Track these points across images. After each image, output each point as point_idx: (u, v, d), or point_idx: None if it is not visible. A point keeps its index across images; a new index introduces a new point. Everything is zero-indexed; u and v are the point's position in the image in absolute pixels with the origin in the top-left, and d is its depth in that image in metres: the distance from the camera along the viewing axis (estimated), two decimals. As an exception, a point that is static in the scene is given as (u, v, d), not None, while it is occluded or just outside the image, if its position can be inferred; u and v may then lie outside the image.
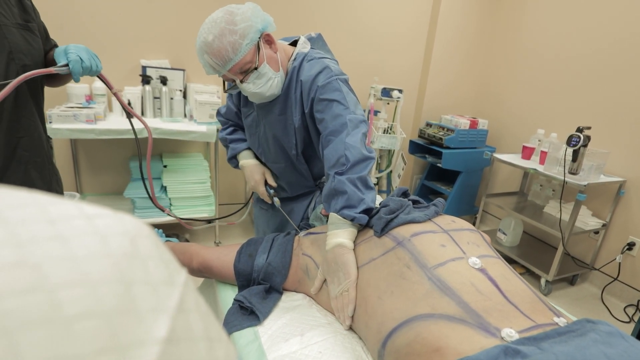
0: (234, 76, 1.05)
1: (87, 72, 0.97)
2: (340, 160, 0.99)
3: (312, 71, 1.08)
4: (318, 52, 1.17)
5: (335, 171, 0.99)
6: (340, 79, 1.08)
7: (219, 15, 0.99)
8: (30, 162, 0.99)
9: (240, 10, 1.00)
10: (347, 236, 0.95)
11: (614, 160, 2.38)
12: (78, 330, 0.15)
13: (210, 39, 0.97)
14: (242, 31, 0.98)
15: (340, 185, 0.97)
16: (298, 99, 1.12)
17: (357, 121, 1.04)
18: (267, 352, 0.84)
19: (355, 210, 0.95)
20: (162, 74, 2.32)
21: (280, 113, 1.16)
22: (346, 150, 0.99)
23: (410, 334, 0.70)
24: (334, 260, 0.93)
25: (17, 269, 0.15)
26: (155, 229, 1.36)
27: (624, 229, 2.37)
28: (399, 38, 3.05)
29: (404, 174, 3.39)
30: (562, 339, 0.61)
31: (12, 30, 0.89)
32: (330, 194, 0.99)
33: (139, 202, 2.30)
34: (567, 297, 2.41)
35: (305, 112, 1.12)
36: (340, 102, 1.04)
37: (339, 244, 0.94)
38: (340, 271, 0.91)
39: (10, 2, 0.91)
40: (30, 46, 0.94)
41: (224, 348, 0.25)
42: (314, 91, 1.07)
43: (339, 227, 0.96)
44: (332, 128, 1.04)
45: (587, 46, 2.52)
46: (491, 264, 0.81)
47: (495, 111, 3.24)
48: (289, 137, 1.18)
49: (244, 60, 1.01)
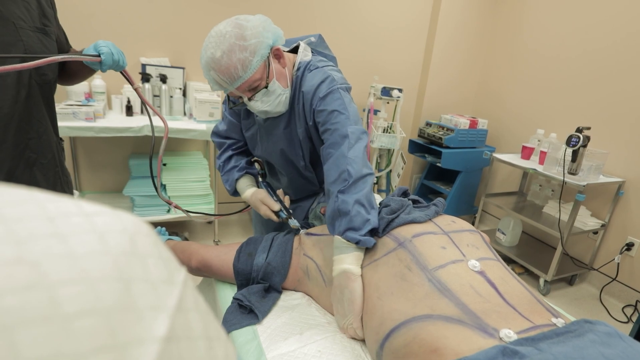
0: (242, 94, 1.00)
1: (115, 66, 1.01)
2: (342, 175, 0.94)
3: (314, 81, 1.04)
4: (321, 60, 1.12)
5: (338, 189, 0.94)
6: (342, 88, 1.03)
7: (227, 29, 0.92)
8: (37, 164, 0.99)
9: (250, 24, 0.94)
10: (352, 261, 0.90)
11: (613, 161, 2.38)
12: (77, 328, 0.15)
13: (218, 55, 0.91)
14: (253, 47, 0.93)
15: (344, 206, 0.92)
16: (301, 111, 1.08)
17: (358, 133, 0.99)
18: (266, 351, 0.84)
19: (359, 233, 0.90)
20: (162, 72, 2.31)
21: (286, 127, 1.12)
22: (348, 165, 0.94)
23: (408, 335, 0.70)
24: (340, 288, 0.90)
25: (16, 266, 0.15)
26: (158, 227, 1.36)
27: (623, 229, 2.38)
28: (399, 37, 3.05)
29: (404, 174, 3.39)
30: (560, 339, 0.61)
31: (29, 33, 0.90)
32: (334, 214, 0.94)
33: (138, 200, 2.30)
34: (565, 297, 2.41)
35: (308, 124, 1.08)
36: (340, 112, 1.00)
37: (344, 271, 0.90)
38: (345, 301, 0.88)
39: (31, 6, 0.92)
40: (45, 48, 0.94)
41: (223, 347, 0.25)
42: (315, 102, 1.03)
43: (343, 252, 0.91)
44: (332, 140, 0.99)
45: (587, 46, 2.52)
46: (490, 266, 0.82)
47: (495, 111, 3.24)
48: (295, 150, 1.15)
49: (253, 77, 0.96)
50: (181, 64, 2.47)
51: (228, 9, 2.50)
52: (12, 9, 0.87)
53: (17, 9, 0.88)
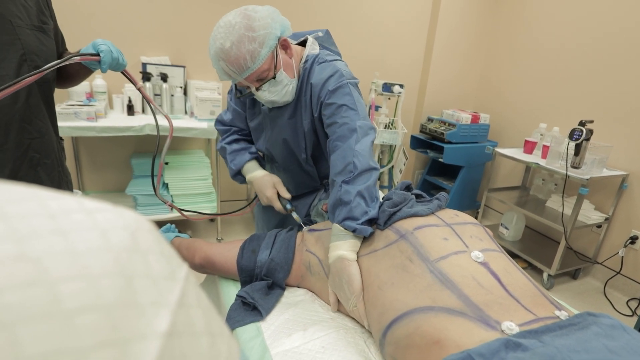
0: (250, 84, 1.02)
1: (115, 64, 0.99)
2: (347, 167, 0.97)
3: (323, 74, 1.05)
4: (329, 54, 1.13)
5: (343, 179, 0.96)
6: (351, 83, 1.05)
7: (236, 19, 0.93)
8: (41, 164, 0.99)
9: (258, 15, 0.95)
10: (348, 248, 0.93)
11: (617, 154, 2.37)
12: (79, 324, 0.15)
13: (227, 45, 0.93)
14: (262, 39, 0.94)
15: (346, 195, 0.94)
16: (308, 102, 1.10)
17: (366, 128, 1.01)
18: (270, 347, 0.84)
19: (357, 222, 0.93)
20: (163, 70, 2.31)
21: (290, 117, 1.13)
22: (354, 157, 0.96)
23: (410, 326, 0.71)
24: (337, 274, 0.92)
25: (18, 262, 0.15)
26: (168, 224, 1.36)
27: (627, 222, 2.36)
28: (399, 32, 3.04)
29: (406, 169, 3.38)
30: (563, 332, 0.61)
31: (26, 32, 0.89)
32: (336, 203, 0.97)
33: (141, 199, 2.31)
34: (569, 291, 2.41)
35: (314, 116, 1.10)
36: (350, 107, 1.01)
37: (340, 257, 0.92)
38: (345, 285, 0.90)
39: (29, 4, 0.91)
40: (44, 46, 0.94)
41: (227, 343, 0.25)
42: (323, 95, 1.05)
43: (340, 239, 0.94)
44: (340, 133, 1.01)
45: (589, 39, 2.50)
46: (494, 257, 0.81)
47: (497, 105, 3.23)
48: (298, 141, 1.16)
49: (262, 68, 0.98)
50: (182, 63, 2.47)
51: (227, 8, 2.49)
52: (9, 7, 0.86)
53: (15, 6, 0.87)
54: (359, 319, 0.91)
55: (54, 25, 1.02)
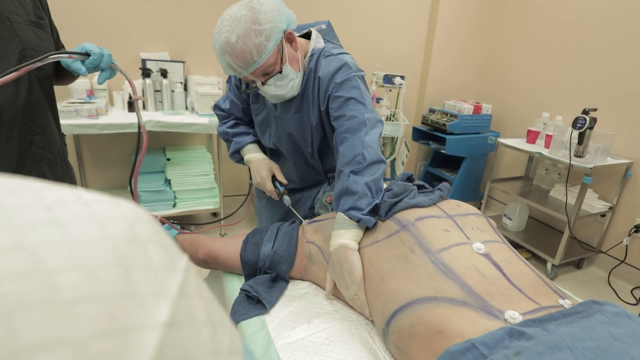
0: (255, 78, 1.00)
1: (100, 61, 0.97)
2: (356, 158, 0.97)
3: (330, 67, 1.05)
4: (335, 47, 1.13)
5: (351, 170, 0.96)
6: (358, 76, 1.05)
7: (242, 12, 0.91)
8: (44, 159, 0.99)
9: (264, 7, 0.93)
10: (351, 237, 0.93)
11: (621, 142, 2.35)
12: (77, 314, 0.15)
13: (233, 39, 0.91)
14: (268, 32, 0.93)
15: (353, 185, 0.95)
16: (315, 96, 1.09)
17: (374, 120, 1.01)
18: (274, 340, 0.85)
19: (362, 212, 0.93)
20: (162, 66, 2.31)
21: (296, 111, 1.13)
22: (364, 149, 0.97)
23: (413, 317, 0.71)
24: (338, 263, 0.92)
25: (14, 253, 0.15)
26: (173, 221, 1.36)
27: (631, 211, 2.35)
28: (399, 22, 3.01)
29: (408, 161, 3.38)
30: (567, 320, 0.61)
31: (24, 27, 0.89)
32: (342, 192, 0.97)
33: (143, 195, 2.32)
34: (573, 281, 2.40)
35: (321, 109, 1.09)
36: (358, 100, 1.01)
37: (342, 245, 0.92)
38: (345, 274, 0.90)
39: (24, 0, 0.91)
40: (42, 42, 0.94)
41: (228, 333, 0.25)
42: (331, 88, 1.04)
43: (343, 227, 0.94)
44: (348, 125, 1.00)
45: (592, 26, 2.47)
46: (496, 248, 0.81)
47: (499, 95, 3.20)
48: (304, 135, 1.16)
49: (268, 62, 0.96)
50: (181, 58, 2.46)
51: (226, 1, 2.48)
52: (6, 4, 0.86)
53: (11, 3, 0.87)
54: (358, 307, 0.91)
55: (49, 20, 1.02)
